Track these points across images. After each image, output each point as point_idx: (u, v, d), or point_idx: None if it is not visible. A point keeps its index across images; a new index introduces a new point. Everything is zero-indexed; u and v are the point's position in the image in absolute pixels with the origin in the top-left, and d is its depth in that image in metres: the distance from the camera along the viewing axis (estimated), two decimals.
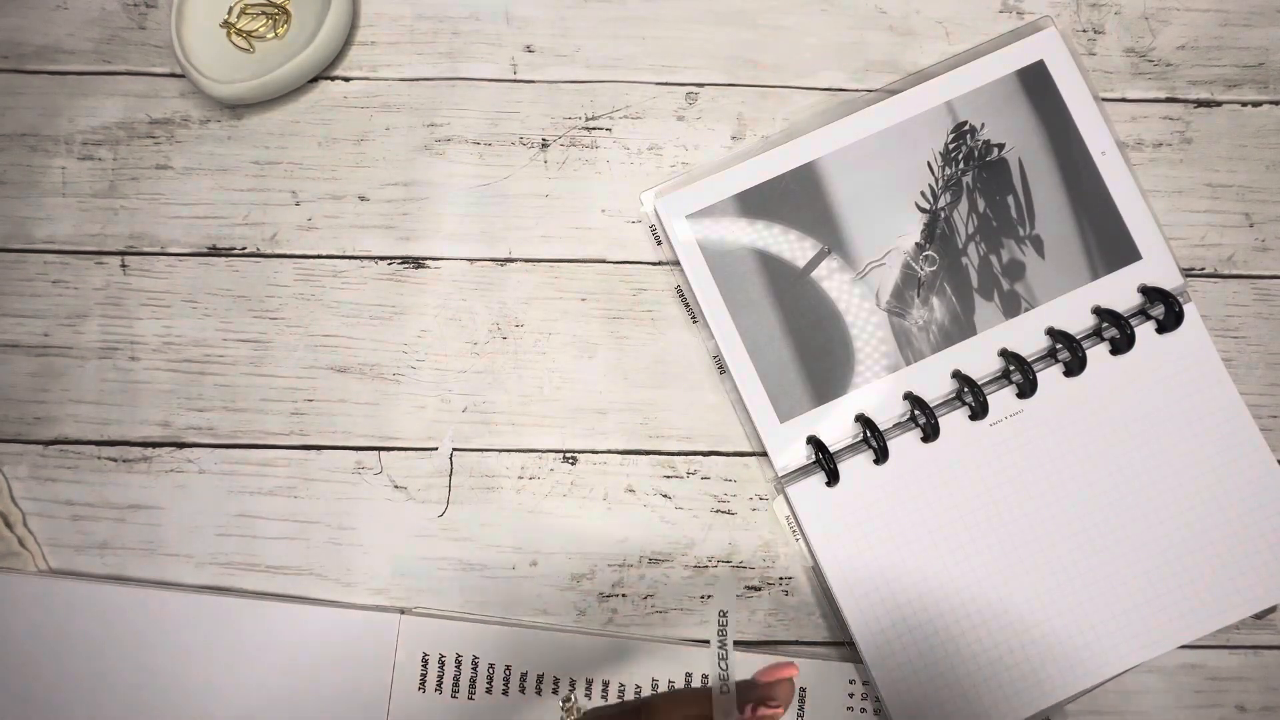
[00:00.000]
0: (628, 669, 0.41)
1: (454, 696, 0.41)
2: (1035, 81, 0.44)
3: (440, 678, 0.41)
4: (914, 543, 0.41)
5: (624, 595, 0.43)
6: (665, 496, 0.43)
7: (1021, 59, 0.44)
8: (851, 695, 0.41)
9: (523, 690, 0.41)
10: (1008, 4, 0.47)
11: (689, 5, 0.47)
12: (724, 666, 0.32)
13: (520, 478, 0.43)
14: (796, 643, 0.42)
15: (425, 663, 0.42)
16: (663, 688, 0.41)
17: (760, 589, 0.42)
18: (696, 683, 0.41)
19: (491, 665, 0.41)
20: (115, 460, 0.44)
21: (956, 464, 0.42)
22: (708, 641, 0.41)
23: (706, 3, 0.47)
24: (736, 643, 0.42)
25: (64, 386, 0.44)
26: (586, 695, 0.41)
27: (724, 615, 0.33)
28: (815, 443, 0.41)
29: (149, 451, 0.44)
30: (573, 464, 0.44)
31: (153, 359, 0.45)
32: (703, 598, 0.42)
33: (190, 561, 0.43)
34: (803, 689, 0.41)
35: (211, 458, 0.44)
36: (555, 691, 0.41)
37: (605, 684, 0.41)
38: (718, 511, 0.43)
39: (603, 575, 0.43)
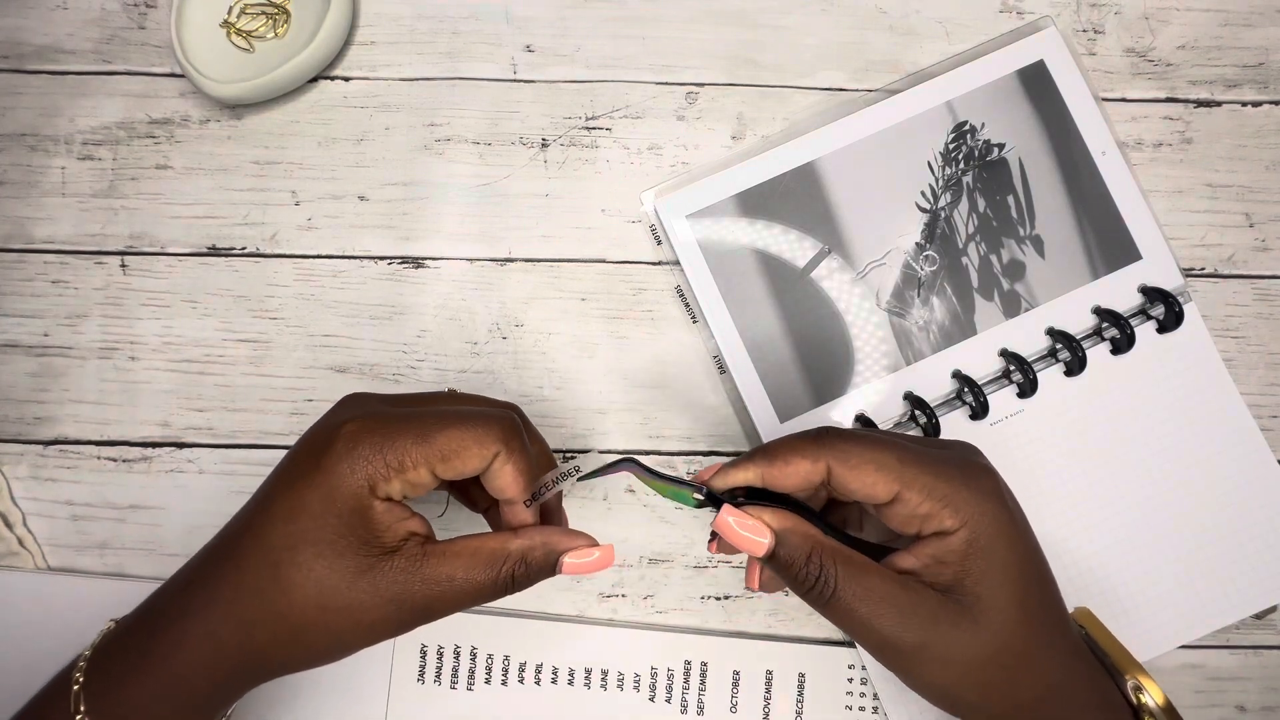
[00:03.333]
0: (627, 658, 0.41)
1: (453, 687, 0.41)
2: (1035, 81, 0.44)
3: (439, 669, 0.41)
4: None
5: (624, 595, 0.43)
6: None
7: (1022, 59, 0.44)
8: (851, 680, 0.41)
9: (521, 680, 0.41)
10: (1008, 4, 0.47)
11: (689, 5, 0.47)
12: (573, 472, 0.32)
13: None
14: (798, 640, 0.42)
15: (424, 654, 0.42)
16: (662, 677, 0.41)
17: None
18: (695, 671, 0.41)
19: (490, 656, 0.42)
20: (115, 460, 0.44)
21: None
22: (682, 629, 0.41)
23: (706, 3, 0.47)
24: (739, 633, 0.42)
25: (64, 386, 0.44)
26: (585, 683, 0.41)
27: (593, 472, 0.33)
28: None
29: (149, 451, 0.44)
30: None
31: (153, 359, 0.45)
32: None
33: None
34: (801, 674, 0.41)
35: (211, 458, 0.44)
36: (554, 681, 0.41)
37: (604, 672, 0.41)
38: None
39: (602, 575, 0.43)
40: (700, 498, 0.31)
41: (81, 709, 0.29)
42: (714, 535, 0.34)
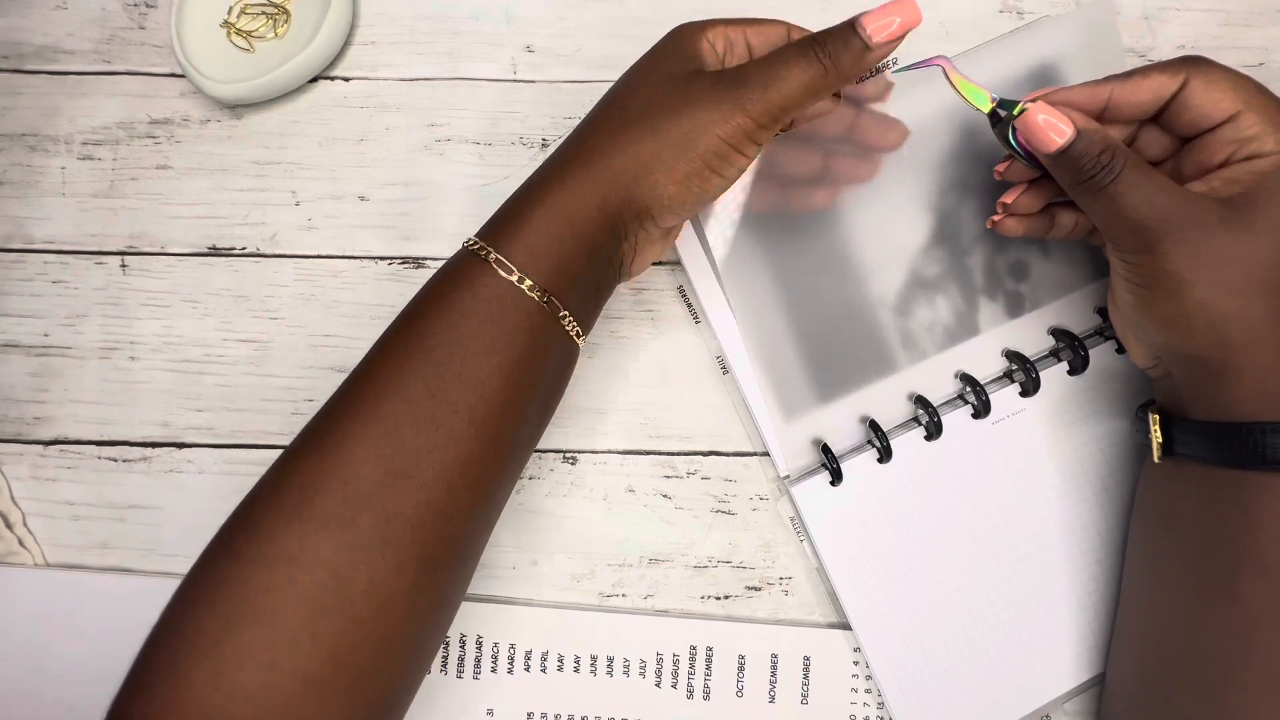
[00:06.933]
0: (632, 644, 0.42)
1: (459, 676, 0.41)
2: (1036, 82, 0.44)
3: (445, 657, 0.41)
4: (918, 540, 0.41)
5: (624, 595, 0.42)
6: (665, 496, 0.43)
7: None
8: (856, 664, 0.41)
9: (527, 669, 0.41)
10: (1008, 4, 0.47)
11: (689, 5, 0.47)
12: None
13: (520, 477, 0.43)
14: (802, 624, 0.42)
15: None
16: (668, 663, 0.41)
17: (760, 589, 0.42)
18: (700, 656, 0.41)
19: (495, 644, 0.42)
20: (115, 460, 0.44)
21: (960, 462, 0.41)
22: None
23: (706, 3, 0.47)
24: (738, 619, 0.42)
25: (64, 386, 0.44)
26: (591, 670, 0.41)
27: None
28: (819, 443, 0.41)
29: (149, 451, 0.44)
30: (573, 464, 0.43)
31: (153, 359, 0.45)
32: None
33: (190, 562, 0.43)
34: (806, 658, 0.41)
35: (211, 458, 0.44)
36: (560, 669, 0.41)
37: (610, 659, 0.41)
38: (718, 511, 0.43)
39: (603, 575, 0.43)
40: (995, 102, 0.34)
41: (474, 239, 0.34)
42: (1007, 157, 0.37)
